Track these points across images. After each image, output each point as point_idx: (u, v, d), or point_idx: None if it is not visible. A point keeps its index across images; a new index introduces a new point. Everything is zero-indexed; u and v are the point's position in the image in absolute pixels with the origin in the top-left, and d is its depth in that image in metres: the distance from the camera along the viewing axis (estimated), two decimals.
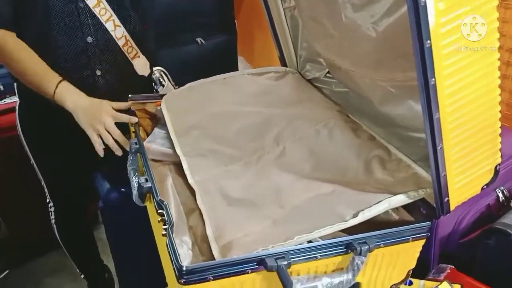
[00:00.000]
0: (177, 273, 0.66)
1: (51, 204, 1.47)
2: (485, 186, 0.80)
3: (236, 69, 2.24)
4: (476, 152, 0.74)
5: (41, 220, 1.53)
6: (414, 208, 0.86)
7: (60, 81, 1.10)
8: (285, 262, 0.70)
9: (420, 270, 0.92)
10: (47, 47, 1.15)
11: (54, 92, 1.09)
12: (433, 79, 0.61)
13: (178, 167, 1.02)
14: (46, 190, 1.44)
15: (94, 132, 1.08)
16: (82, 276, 1.65)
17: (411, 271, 0.88)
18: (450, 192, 0.76)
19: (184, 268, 0.65)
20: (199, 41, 2.14)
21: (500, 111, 0.72)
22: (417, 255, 0.87)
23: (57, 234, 1.52)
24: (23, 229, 1.91)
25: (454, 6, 0.60)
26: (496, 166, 0.78)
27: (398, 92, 0.83)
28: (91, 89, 1.17)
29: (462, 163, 0.73)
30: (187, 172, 0.97)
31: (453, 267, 0.96)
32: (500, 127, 0.76)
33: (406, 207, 0.87)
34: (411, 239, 0.80)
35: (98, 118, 1.06)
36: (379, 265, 0.82)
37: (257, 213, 0.85)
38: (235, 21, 2.25)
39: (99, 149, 1.08)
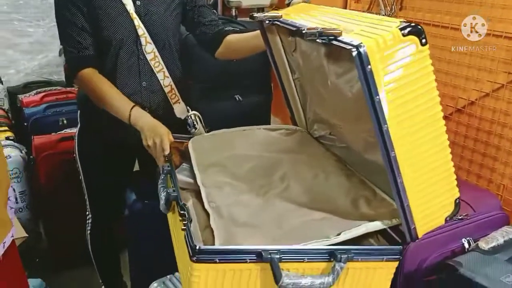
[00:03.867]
0: (190, 252, 0.84)
1: (90, 215, 1.71)
2: (448, 218, 0.97)
3: None
4: (434, 187, 0.93)
5: (78, 236, 1.78)
6: (392, 240, 1.03)
7: (133, 106, 1.38)
8: (277, 256, 0.87)
9: None
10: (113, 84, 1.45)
11: (129, 114, 1.35)
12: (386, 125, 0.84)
13: (197, 194, 1.22)
14: (87, 202, 1.69)
15: (152, 144, 1.30)
16: None
17: None
18: (416, 220, 0.94)
19: (197, 247, 0.83)
20: (237, 98, 2.39)
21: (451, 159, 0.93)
22: (389, 282, 1.01)
23: (89, 246, 1.75)
24: (61, 242, 2.16)
25: None
26: (456, 200, 0.96)
27: (375, 140, 1.04)
28: None
29: (422, 195, 0.92)
30: (204, 199, 1.16)
31: None
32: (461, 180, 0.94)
33: (387, 239, 1.04)
34: (385, 258, 0.97)
35: (160, 134, 1.30)
36: (356, 282, 0.98)
37: (259, 233, 1.03)
38: (271, 84, 2.50)
39: (164, 154, 1.30)
